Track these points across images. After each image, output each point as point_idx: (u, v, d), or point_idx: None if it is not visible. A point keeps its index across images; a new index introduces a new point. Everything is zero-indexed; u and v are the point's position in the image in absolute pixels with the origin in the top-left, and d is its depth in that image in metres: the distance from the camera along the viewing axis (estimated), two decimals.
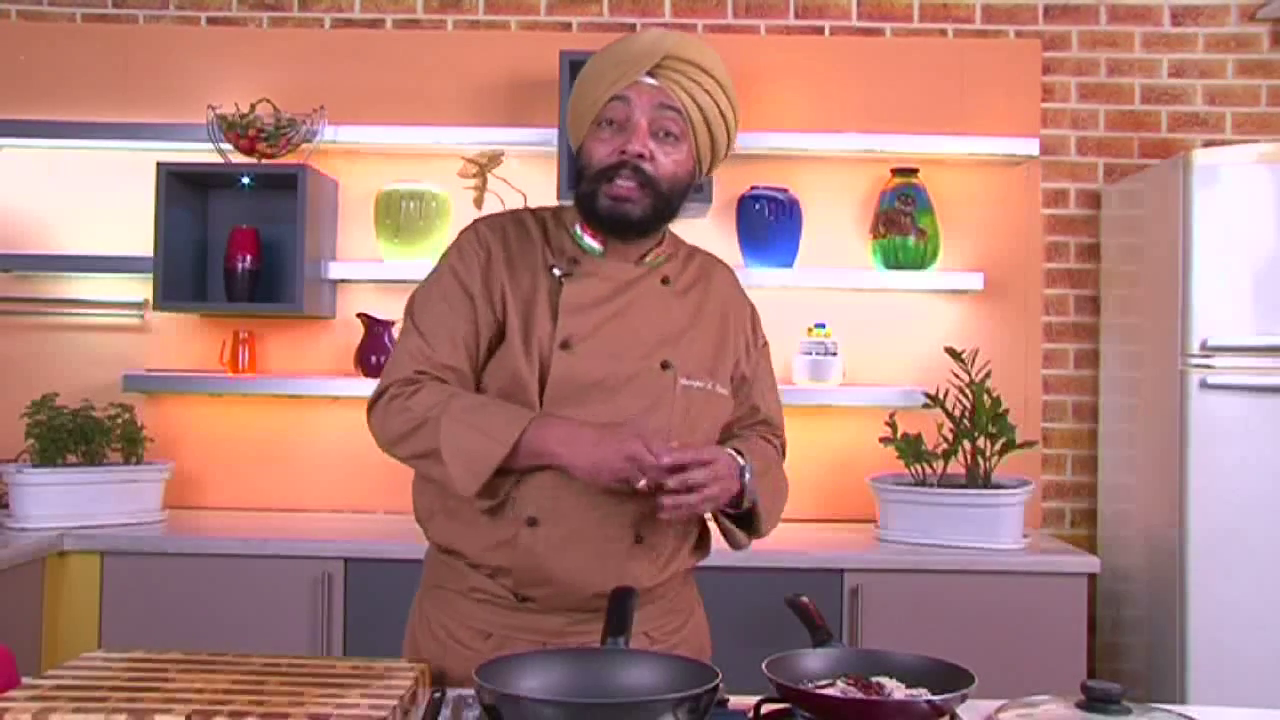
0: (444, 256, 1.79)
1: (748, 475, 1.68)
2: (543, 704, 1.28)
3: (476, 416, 1.64)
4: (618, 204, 1.69)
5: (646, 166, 1.69)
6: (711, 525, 1.83)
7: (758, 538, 1.80)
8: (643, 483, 1.56)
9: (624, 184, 1.68)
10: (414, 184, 3.41)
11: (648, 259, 1.79)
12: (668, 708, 1.25)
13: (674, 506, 1.58)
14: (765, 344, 1.93)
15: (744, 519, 1.76)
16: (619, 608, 1.53)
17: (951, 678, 1.44)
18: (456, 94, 3.54)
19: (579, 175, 1.75)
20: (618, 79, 1.69)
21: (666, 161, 1.70)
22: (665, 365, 1.71)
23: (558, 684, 1.40)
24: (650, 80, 1.69)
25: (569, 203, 1.81)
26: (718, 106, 1.72)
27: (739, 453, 1.69)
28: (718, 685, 1.31)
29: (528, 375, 1.67)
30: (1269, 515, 2.93)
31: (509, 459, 1.61)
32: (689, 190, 1.77)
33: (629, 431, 1.60)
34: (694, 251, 1.89)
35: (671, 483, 1.56)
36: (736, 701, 1.52)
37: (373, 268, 3.46)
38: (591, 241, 1.77)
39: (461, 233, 1.81)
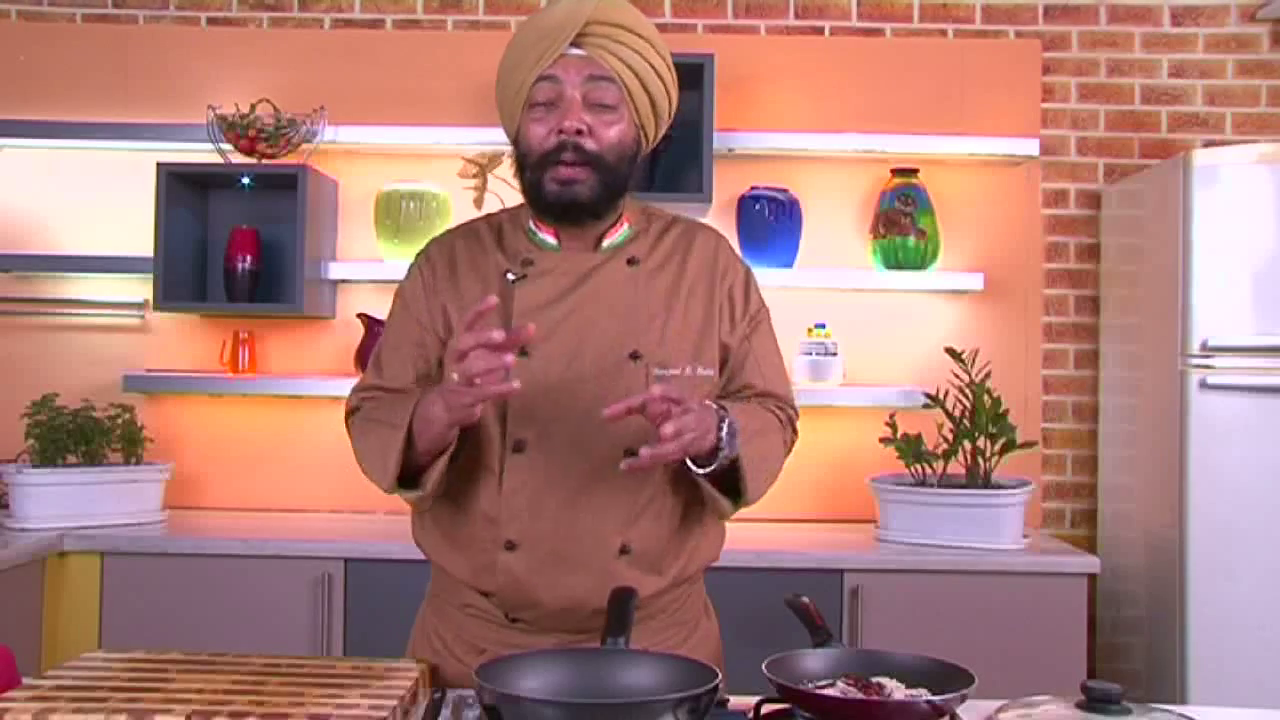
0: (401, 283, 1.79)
1: (725, 429, 1.55)
2: (543, 704, 1.28)
3: (380, 412, 1.64)
4: (565, 187, 1.62)
5: (587, 143, 1.61)
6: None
7: (745, 505, 1.67)
8: (455, 375, 1.44)
9: (567, 168, 1.61)
10: (414, 184, 3.41)
11: (607, 242, 1.71)
12: (668, 708, 1.25)
13: (653, 456, 1.45)
14: (761, 309, 1.78)
15: (728, 485, 1.63)
16: (618, 608, 1.53)
17: (951, 678, 1.44)
18: (456, 94, 3.54)
19: (520, 165, 1.68)
20: (541, 56, 1.60)
21: (608, 133, 1.63)
22: (635, 356, 1.63)
23: (558, 684, 1.40)
24: (576, 51, 1.61)
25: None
26: (651, 66, 1.64)
27: (721, 407, 1.58)
28: (717, 685, 1.31)
29: None
30: (1269, 515, 2.93)
31: (409, 442, 1.57)
32: (637, 160, 1.69)
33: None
34: (673, 223, 1.78)
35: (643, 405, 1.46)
36: (736, 701, 1.52)
37: (373, 268, 3.46)
38: (545, 235, 1.71)
39: (416, 256, 1.79)
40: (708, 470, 1.58)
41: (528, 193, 1.69)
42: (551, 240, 1.71)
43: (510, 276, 1.67)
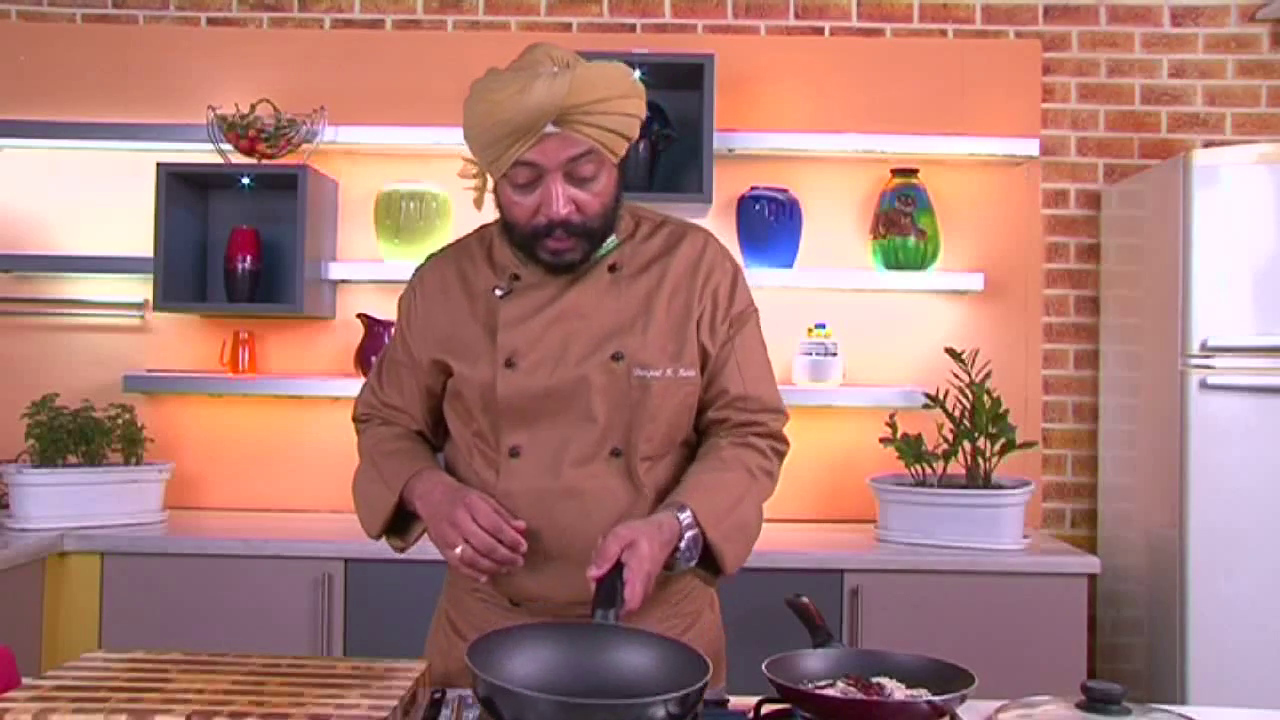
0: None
1: (683, 542, 1.58)
2: (541, 701, 1.28)
3: (384, 463, 1.75)
4: (557, 255, 1.65)
5: (574, 219, 1.62)
6: None
7: (727, 580, 1.71)
8: (459, 549, 1.58)
9: (557, 244, 1.63)
10: (414, 184, 3.41)
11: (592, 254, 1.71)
12: (660, 705, 1.25)
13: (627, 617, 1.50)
14: (748, 310, 1.77)
15: (708, 561, 1.66)
16: (607, 581, 1.51)
17: (951, 678, 1.44)
18: (456, 94, 3.46)
19: (504, 223, 1.70)
20: (515, 142, 1.57)
21: (593, 201, 1.63)
22: (616, 357, 1.65)
23: (548, 663, 1.40)
24: (554, 129, 1.57)
25: None
26: (627, 114, 1.62)
27: (683, 507, 1.61)
28: (708, 678, 1.31)
29: (475, 400, 1.70)
30: (1269, 515, 2.93)
31: (400, 506, 1.72)
32: (622, 196, 1.71)
33: (473, 497, 1.62)
34: (661, 224, 1.78)
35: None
36: (737, 702, 1.52)
37: (373, 268, 3.46)
38: None
39: (412, 276, 1.85)
40: (672, 571, 1.63)
41: (518, 246, 1.69)
42: None
43: (498, 292, 1.71)
